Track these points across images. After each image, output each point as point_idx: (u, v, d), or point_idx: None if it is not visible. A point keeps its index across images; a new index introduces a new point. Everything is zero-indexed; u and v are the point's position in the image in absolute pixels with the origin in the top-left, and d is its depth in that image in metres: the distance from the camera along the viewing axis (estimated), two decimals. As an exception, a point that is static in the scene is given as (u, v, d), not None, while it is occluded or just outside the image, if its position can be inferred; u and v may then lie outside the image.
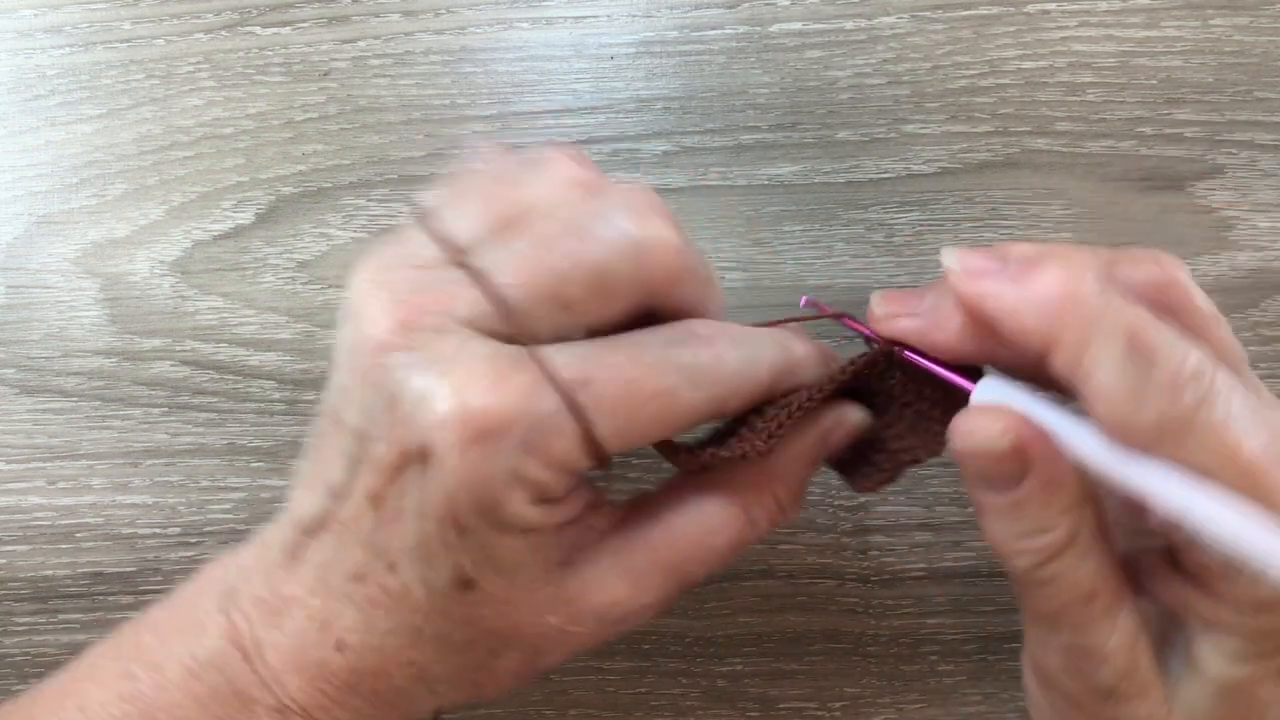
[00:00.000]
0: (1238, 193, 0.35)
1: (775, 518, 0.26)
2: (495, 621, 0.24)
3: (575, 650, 0.25)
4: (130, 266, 0.37)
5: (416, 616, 0.24)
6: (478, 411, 0.21)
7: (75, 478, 0.36)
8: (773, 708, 0.35)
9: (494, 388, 0.21)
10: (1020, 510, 0.23)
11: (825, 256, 0.36)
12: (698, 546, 0.25)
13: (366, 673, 0.25)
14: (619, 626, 0.25)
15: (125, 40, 0.37)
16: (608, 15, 0.36)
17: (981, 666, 0.35)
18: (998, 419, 0.23)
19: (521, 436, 0.22)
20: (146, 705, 0.25)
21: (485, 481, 0.22)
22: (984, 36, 0.36)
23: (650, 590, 0.25)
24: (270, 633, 0.25)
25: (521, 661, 0.25)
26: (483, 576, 0.23)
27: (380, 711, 0.25)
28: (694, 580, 0.26)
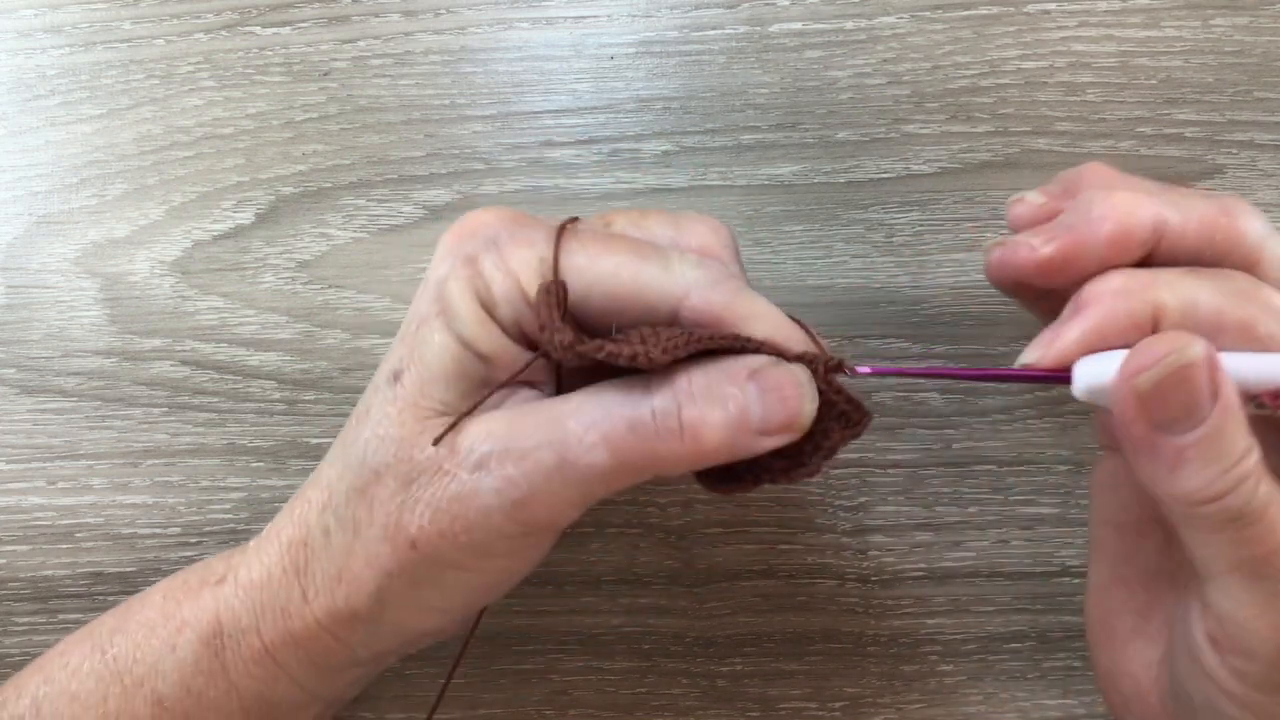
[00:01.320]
0: (1238, 193, 0.35)
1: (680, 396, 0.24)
2: (391, 429, 0.25)
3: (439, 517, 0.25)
4: (130, 266, 0.37)
5: (347, 433, 0.27)
6: (470, 218, 0.26)
7: (75, 478, 0.36)
8: (773, 708, 0.35)
9: (493, 210, 0.27)
10: (1223, 434, 0.22)
11: (825, 256, 0.36)
12: (584, 402, 0.24)
13: (299, 520, 0.27)
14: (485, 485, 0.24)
15: (125, 40, 0.37)
16: (608, 15, 0.36)
17: (981, 666, 0.35)
18: (1186, 336, 0.22)
19: (490, 235, 0.26)
20: (122, 611, 0.29)
21: (442, 263, 0.26)
22: (984, 36, 0.36)
23: (522, 436, 0.24)
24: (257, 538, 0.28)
25: (391, 496, 0.25)
26: (408, 369, 0.25)
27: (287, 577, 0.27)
28: (574, 447, 0.24)
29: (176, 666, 0.27)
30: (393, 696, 0.36)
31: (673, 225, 0.27)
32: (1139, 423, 0.22)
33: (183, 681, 0.27)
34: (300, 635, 0.26)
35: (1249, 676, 0.23)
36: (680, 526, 0.36)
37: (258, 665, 0.27)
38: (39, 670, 0.29)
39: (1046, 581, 0.35)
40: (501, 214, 0.26)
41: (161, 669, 0.27)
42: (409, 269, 0.36)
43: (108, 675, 0.28)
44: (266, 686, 0.27)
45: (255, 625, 0.27)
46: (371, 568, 0.25)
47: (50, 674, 0.28)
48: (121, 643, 0.28)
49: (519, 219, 0.26)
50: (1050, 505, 0.35)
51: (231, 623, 0.27)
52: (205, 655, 0.27)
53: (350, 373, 0.36)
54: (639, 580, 0.36)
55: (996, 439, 0.35)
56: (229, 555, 0.29)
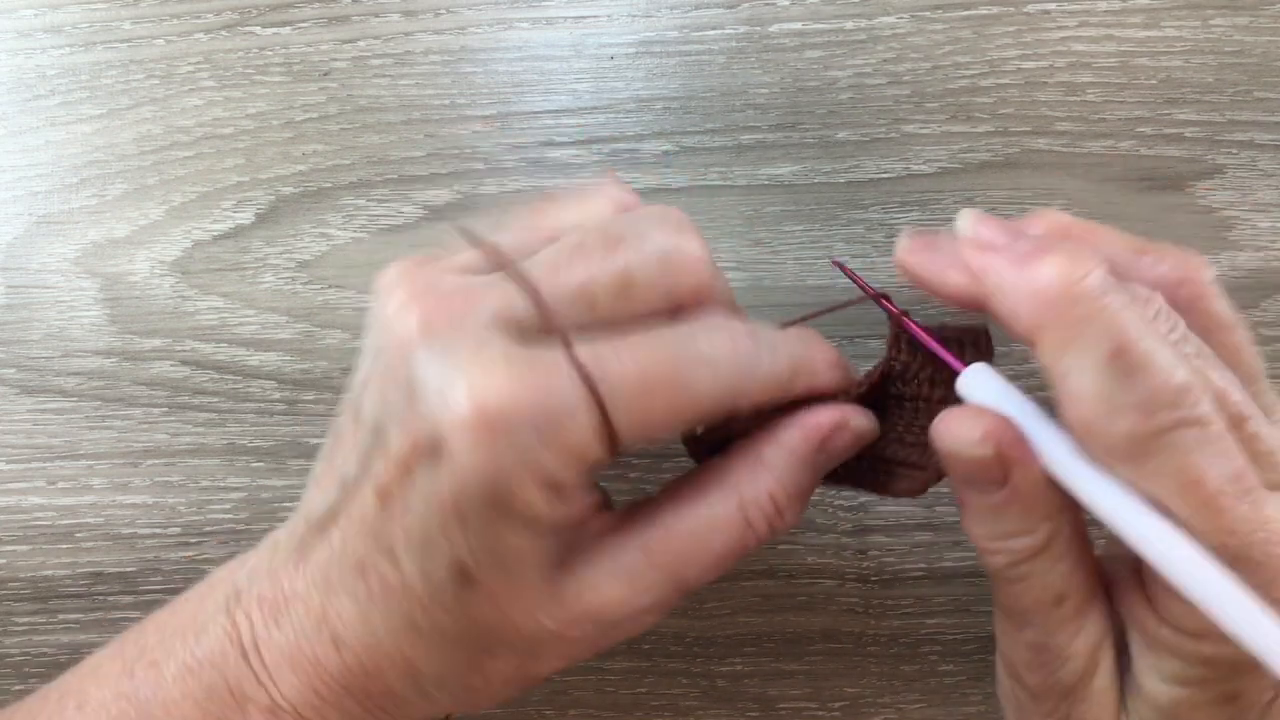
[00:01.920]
0: (1238, 193, 0.35)
1: (774, 521, 0.25)
2: (490, 619, 0.24)
3: (571, 657, 0.25)
4: (130, 266, 0.37)
5: (413, 610, 0.24)
6: (493, 401, 0.21)
7: (75, 478, 0.36)
8: (773, 708, 0.35)
9: (511, 378, 0.21)
10: (999, 513, 0.23)
11: (825, 256, 0.36)
12: (694, 547, 0.25)
13: (360, 671, 0.24)
14: (615, 631, 0.25)
15: (125, 40, 0.37)
16: (608, 15, 0.36)
17: (981, 666, 0.35)
18: (979, 424, 0.23)
19: (537, 425, 0.22)
20: (142, 702, 0.25)
21: (497, 472, 0.22)
22: (984, 36, 0.36)
23: (646, 593, 0.25)
24: (270, 630, 0.25)
25: (515, 665, 0.25)
26: (482, 571, 0.23)
27: (371, 714, 0.25)
28: (691, 585, 0.25)
29: None
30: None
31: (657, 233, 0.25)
32: (948, 469, 0.24)
33: None
34: None
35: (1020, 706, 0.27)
36: (680, 526, 0.36)
37: None
38: None
39: (1046, 581, 0.35)
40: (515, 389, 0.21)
41: None
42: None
43: None
44: None
45: None
46: (493, 702, 0.26)
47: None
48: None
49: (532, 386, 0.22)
50: (1050, 505, 0.35)
51: None
52: None
53: (350, 373, 0.36)
54: (639, 580, 0.36)
55: (996, 439, 0.35)
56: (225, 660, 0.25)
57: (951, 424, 0.23)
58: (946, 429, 0.23)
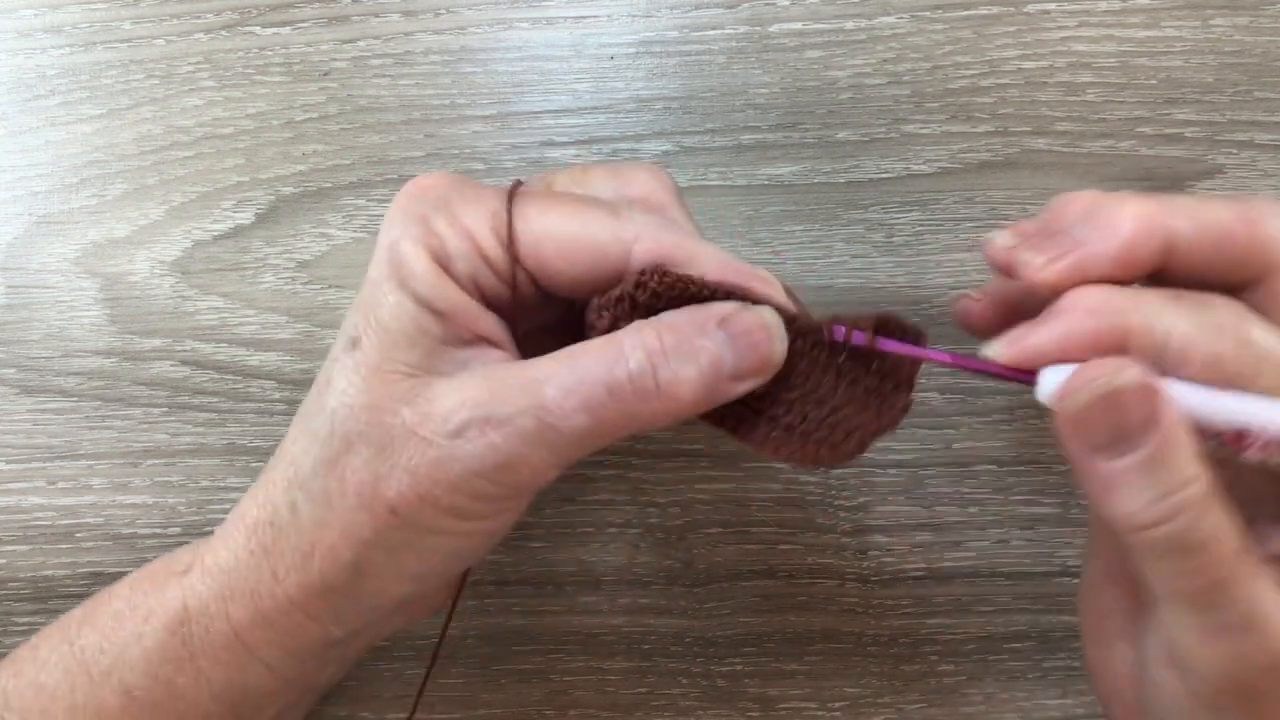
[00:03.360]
0: (1238, 193, 0.35)
1: (653, 358, 0.24)
2: (357, 396, 0.25)
3: (417, 482, 0.24)
4: (130, 266, 0.37)
5: (310, 402, 0.26)
6: (419, 181, 0.26)
7: (75, 478, 0.36)
8: (773, 708, 0.35)
9: (443, 174, 0.27)
10: (1160, 462, 0.22)
11: (825, 256, 0.36)
12: (560, 366, 0.24)
13: (262, 500, 0.27)
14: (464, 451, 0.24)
15: (125, 40, 0.37)
16: (608, 15, 0.36)
17: (981, 666, 0.35)
18: (1122, 362, 0.22)
19: (440, 195, 0.26)
20: (91, 604, 0.29)
21: (394, 223, 0.25)
22: (984, 36, 0.36)
23: (501, 403, 0.24)
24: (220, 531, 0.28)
25: (366, 466, 0.25)
26: (367, 334, 0.25)
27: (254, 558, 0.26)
28: (553, 411, 0.24)
29: (144, 656, 0.27)
30: (392, 697, 0.36)
31: (613, 176, 0.28)
32: (1074, 443, 0.23)
33: (150, 670, 0.27)
34: (271, 615, 0.26)
35: (1196, 697, 0.23)
36: (680, 526, 0.36)
37: (227, 651, 0.27)
38: (11, 663, 0.29)
39: (1046, 581, 0.35)
40: (449, 176, 0.27)
41: (129, 659, 0.27)
42: None
43: (75, 666, 0.28)
44: (237, 672, 0.27)
45: (224, 610, 0.26)
46: (348, 537, 0.25)
47: (20, 667, 0.29)
48: (89, 634, 0.28)
49: (466, 181, 0.27)
50: (1050, 505, 0.35)
51: (199, 609, 0.27)
52: (172, 643, 0.27)
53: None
54: (639, 580, 0.36)
55: (997, 439, 0.35)
56: (196, 545, 0.29)
57: (1094, 370, 0.22)
58: (1079, 379, 0.22)
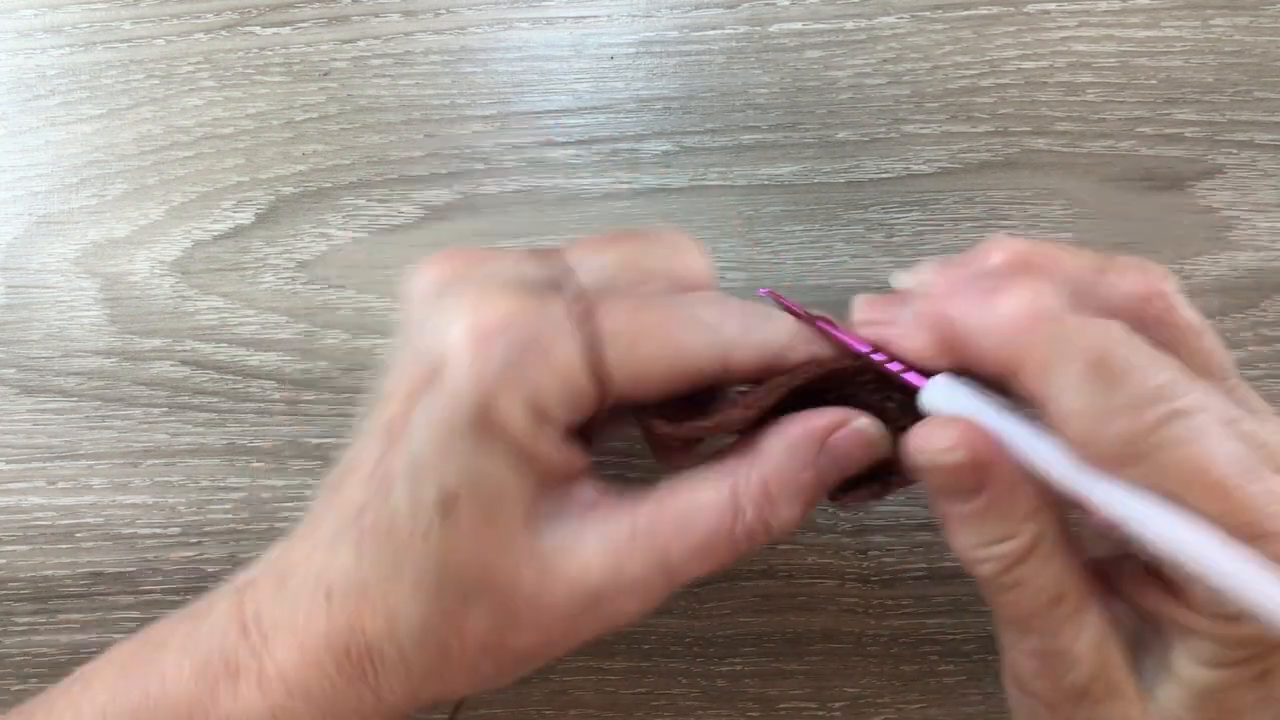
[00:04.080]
0: (1238, 193, 0.35)
1: (763, 510, 0.25)
2: (469, 556, 0.24)
3: (549, 634, 0.24)
4: (130, 266, 0.37)
5: (397, 544, 0.24)
6: (489, 319, 0.23)
7: (75, 478, 0.36)
8: (773, 708, 0.35)
9: (509, 303, 0.23)
10: (981, 520, 0.23)
11: (825, 256, 0.36)
12: (681, 526, 0.25)
13: (344, 626, 0.24)
14: (595, 610, 0.24)
15: (125, 40, 0.37)
16: (608, 15, 0.36)
17: (981, 666, 0.35)
18: (950, 433, 0.23)
19: (528, 343, 0.23)
20: (142, 679, 0.26)
21: (486, 384, 0.23)
22: (984, 36, 0.36)
23: (628, 567, 0.24)
24: (273, 603, 0.25)
25: (490, 626, 0.24)
26: (464, 499, 0.23)
27: (351, 684, 0.24)
28: (676, 569, 0.25)
29: None
30: (393, 696, 0.36)
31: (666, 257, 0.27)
32: (922, 480, 0.24)
33: None
34: None
35: (1035, 713, 0.26)
36: (680, 526, 0.35)
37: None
38: None
39: (1046, 581, 0.35)
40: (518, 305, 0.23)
41: None
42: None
43: None
44: None
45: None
46: (469, 678, 0.25)
47: None
48: None
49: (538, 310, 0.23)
50: (1050, 505, 0.35)
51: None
52: None
53: (350, 372, 0.36)
54: (639, 580, 0.36)
55: (996, 439, 0.35)
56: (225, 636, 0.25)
57: (922, 435, 0.23)
58: (918, 441, 0.23)
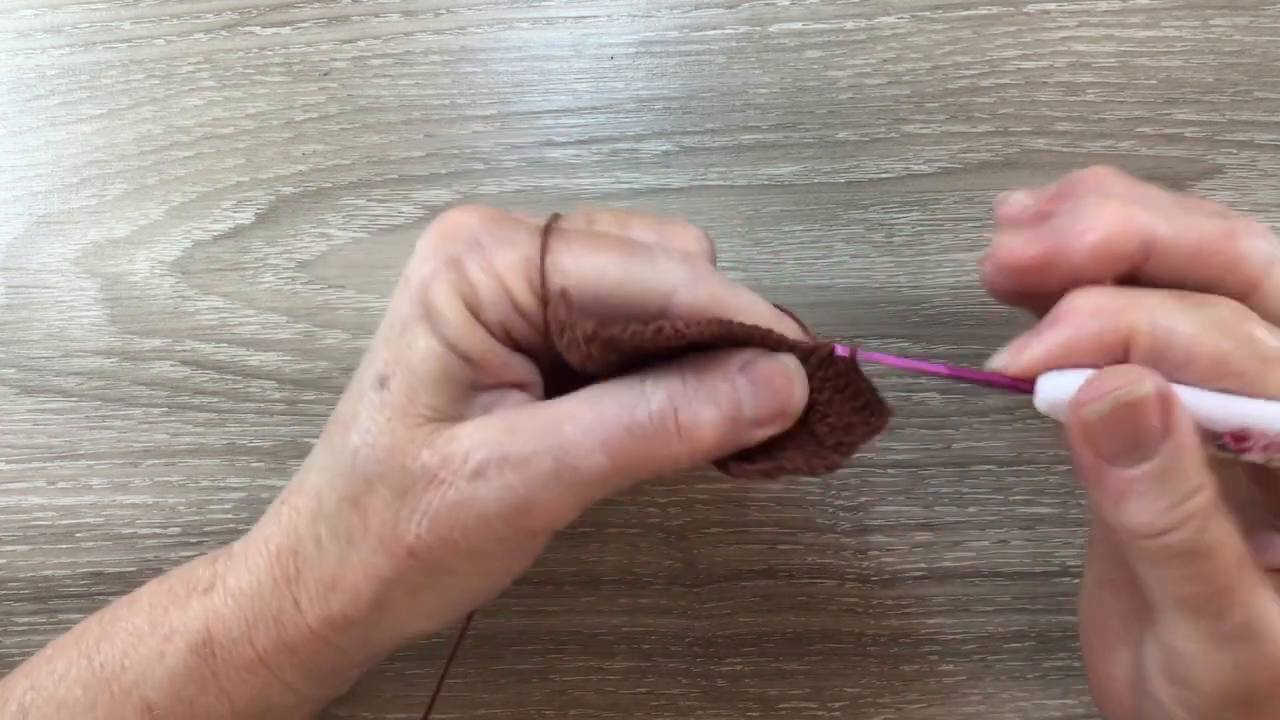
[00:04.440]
0: (1238, 193, 0.35)
1: (674, 398, 0.24)
2: (382, 437, 0.25)
3: (437, 527, 0.24)
4: (130, 266, 0.37)
5: (334, 433, 0.26)
6: (454, 219, 0.25)
7: (75, 478, 0.36)
8: (773, 708, 0.35)
9: (478, 211, 0.26)
10: (1172, 471, 0.22)
11: (825, 256, 0.36)
12: (581, 406, 0.24)
13: (283, 526, 0.27)
14: (481, 493, 0.24)
15: (125, 40, 0.37)
16: (608, 15, 0.36)
17: (981, 666, 0.35)
18: (1139, 371, 0.22)
19: (474, 237, 0.25)
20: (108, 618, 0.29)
21: (430, 273, 0.25)
22: (984, 36, 0.36)
23: (521, 441, 0.24)
24: (244, 542, 0.28)
25: (386, 510, 0.25)
26: (395, 375, 0.25)
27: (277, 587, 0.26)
28: (570, 451, 0.24)
29: (167, 675, 0.27)
30: (392, 696, 0.36)
31: (655, 229, 0.27)
32: (1086, 452, 0.22)
33: (173, 689, 0.27)
34: (294, 643, 0.26)
35: (1191, 709, 0.23)
36: (680, 526, 0.36)
37: (250, 673, 0.27)
38: (26, 676, 0.29)
39: (1046, 581, 0.35)
40: (483, 213, 0.26)
41: (151, 677, 0.27)
42: None
43: (95, 683, 0.27)
44: (259, 692, 0.27)
45: (247, 634, 0.27)
46: (369, 577, 0.25)
47: (37, 680, 0.28)
48: (109, 650, 0.28)
49: (501, 218, 0.26)
50: (1050, 505, 0.35)
51: (222, 632, 0.27)
52: (196, 664, 0.27)
53: (350, 373, 0.36)
54: (639, 580, 0.36)
55: (996, 439, 0.35)
56: (214, 559, 0.29)
57: (1110, 380, 0.22)
58: (1096, 389, 0.22)
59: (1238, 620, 0.22)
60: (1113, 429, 0.22)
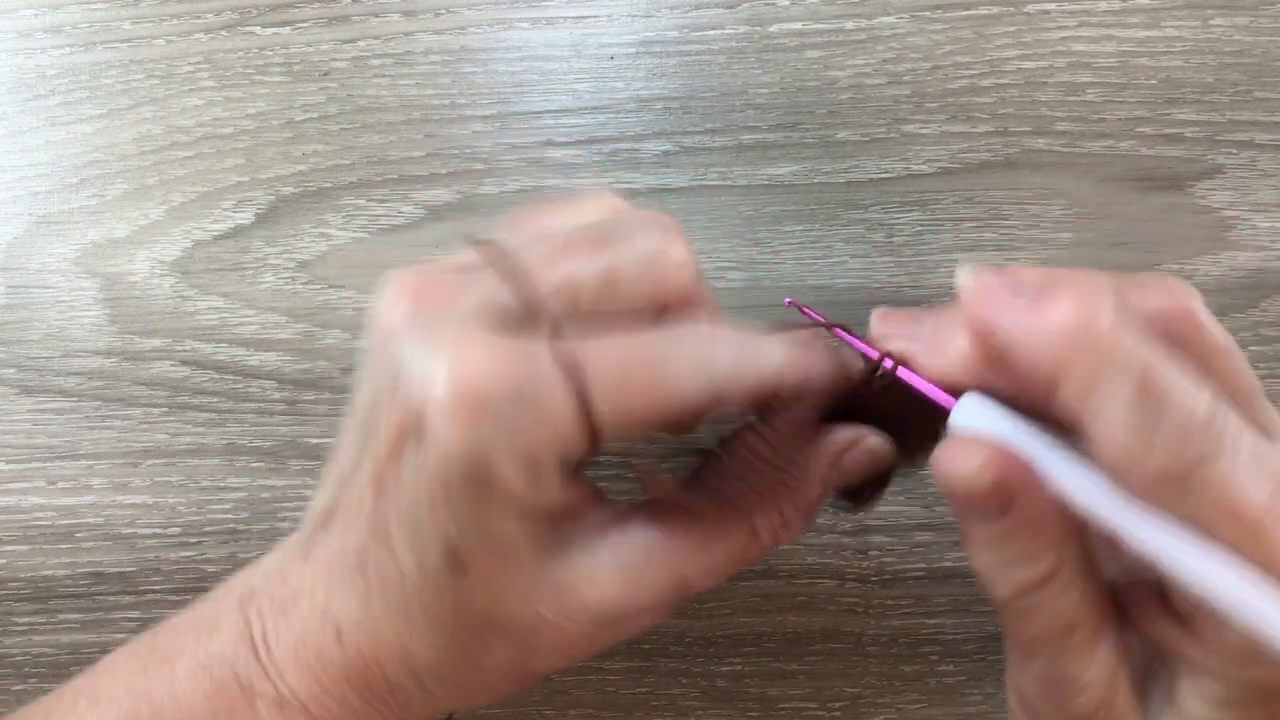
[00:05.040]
0: (1238, 193, 0.35)
1: (779, 534, 0.26)
2: (484, 605, 0.23)
3: (569, 653, 0.25)
4: (130, 266, 0.37)
5: (409, 597, 0.24)
6: (473, 379, 0.21)
7: (75, 478, 0.36)
8: (773, 708, 0.35)
9: (491, 359, 0.22)
10: (1003, 542, 0.23)
11: (825, 256, 0.36)
12: (698, 548, 0.25)
13: (360, 663, 0.25)
14: (614, 629, 0.25)
15: (125, 40, 0.37)
16: (608, 15, 0.36)
17: (981, 666, 0.35)
18: (977, 453, 0.22)
19: (516, 404, 0.22)
20: (154, 698, 0.26)
21: (476, 448, 0.22)
22: (984, 36, 0.36)
23: (645, 590, 0.25)
24: (278, 626, 0.25)
25: (511, 658, 0.25)
26: (472, 554, 0.23)
27: (374, 709, 0.25)
28: (692, 587, 0.25)
29: None
30: (393, 696, 0.36)
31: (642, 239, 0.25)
32: (945, 496, 0.24)
33: None
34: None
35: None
36: (680, 526, 0.36)
37: None
38: None
39: (1046, 581, 0.35)
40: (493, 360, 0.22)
41: None
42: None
43: None
44: None
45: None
46: (493, 696, 0.26)
47: None
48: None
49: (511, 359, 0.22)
50: (1050, 505, 0.35)
51: None
52: None
53: (350, 373, 0.36)
54: (639, 580, 0.36)
55: (996, 439, 0.35)
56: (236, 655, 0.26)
57: (949, 454, 0.23)
58: (944, 459, 0.23)
59: (1044, 671, 0.24)
60: (954, 495, 0.23)
